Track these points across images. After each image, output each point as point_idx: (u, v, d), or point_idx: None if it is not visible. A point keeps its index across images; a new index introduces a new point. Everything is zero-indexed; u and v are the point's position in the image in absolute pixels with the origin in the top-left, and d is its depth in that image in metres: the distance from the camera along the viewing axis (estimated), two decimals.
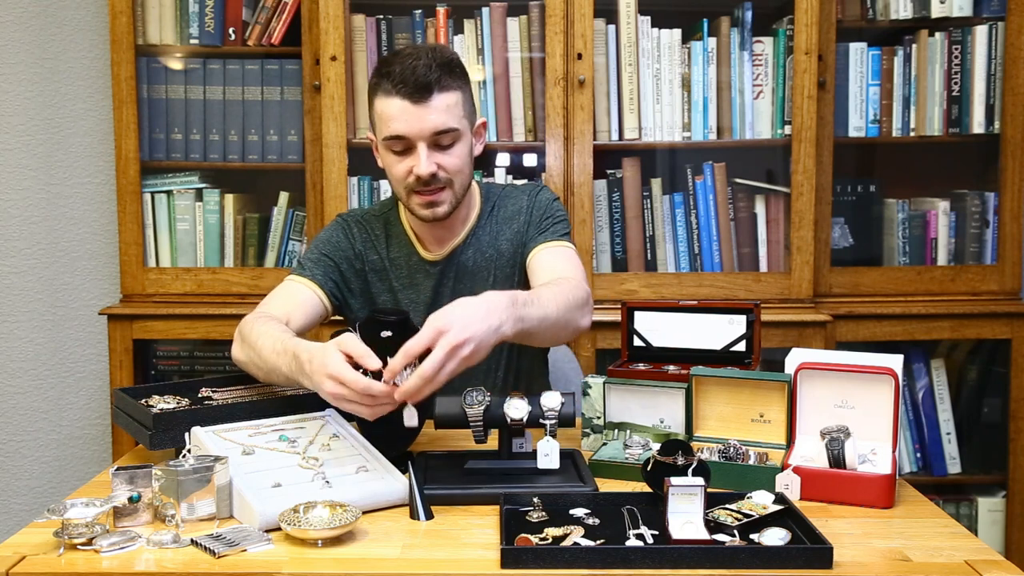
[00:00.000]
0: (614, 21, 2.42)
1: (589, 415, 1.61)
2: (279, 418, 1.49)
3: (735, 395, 1.49)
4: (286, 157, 2.53)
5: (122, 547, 1.19)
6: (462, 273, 1.81)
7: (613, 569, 1.13)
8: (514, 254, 1.81)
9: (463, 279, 1.81)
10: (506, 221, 1.82)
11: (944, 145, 2.55)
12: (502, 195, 1.86)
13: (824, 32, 2.41)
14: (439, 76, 1.62)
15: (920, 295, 2.51)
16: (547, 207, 1.82)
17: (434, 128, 1.63)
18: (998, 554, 1.19)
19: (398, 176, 1.69)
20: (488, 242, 1.81)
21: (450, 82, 1.64)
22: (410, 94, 1.61)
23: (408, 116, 1.62)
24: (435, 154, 1.65)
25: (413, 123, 1.62)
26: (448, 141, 1.65)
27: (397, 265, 1.82)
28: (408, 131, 1.63)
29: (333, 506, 1.23)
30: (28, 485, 2.86)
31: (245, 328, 1.61)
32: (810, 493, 1.36)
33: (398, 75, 1.61)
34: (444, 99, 1.63)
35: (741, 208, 2.49)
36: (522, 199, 1.83)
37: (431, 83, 1.61)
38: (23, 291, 2.81)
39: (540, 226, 1.80)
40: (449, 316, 1.33)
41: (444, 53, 1.66)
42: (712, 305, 1.70)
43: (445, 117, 1.63)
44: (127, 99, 2.46)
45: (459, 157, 1.68)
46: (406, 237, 1.82)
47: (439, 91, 1.62)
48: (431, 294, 1.80)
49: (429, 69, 1.61)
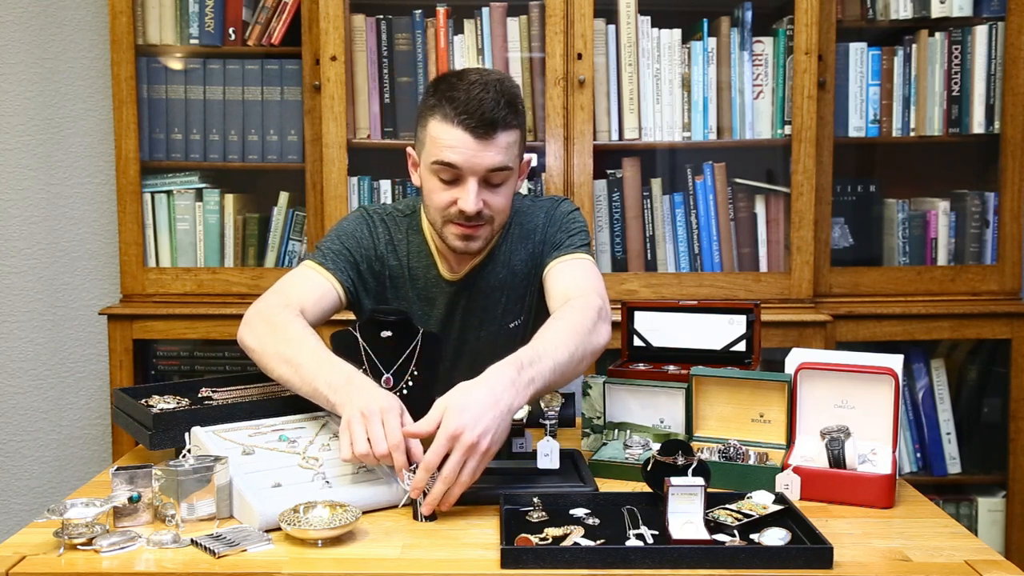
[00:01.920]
0: (614, 21, 2.42)
1: (589, 415, 1.61)
2: (279, 418, 1.49)
3: (735, 395, 1.49)
4: (286, 157, 2.53)
5: (122, 547, 1.19)
6: (476, 293, 1.76)
7: (613, 569, 1.13)
8: (528, 274, 1.76)
9: (476, 298, 1.76)
10: (521, 240, 1.76)
11: (944, 145, 2.55)
12: (520, 210, 1.78)
13: (824, 32, 2.41)
14: (505, 115, 1.56)
15: (920, 295, 2.51)
16: (563, 221, 1.75)
17: (491, 166, 1.57)
18: (998, 554, 1.19)
19: (439, 204, 1.62)
20: (502, 261, 1.75)
21: (513, 120, 1.59)
22: (474, 128, 1.54)
23: (467, 150, 1.55)
24: (483, 191, 1.59)
25: (470, 158, 1.56)
26: (499, 180, 1.60)
27: (415, 276, 1.76)
28: (463, 164, 1.56)
29: (333, 506, 1.23)
30: (28, 485, 2.86)
31: (268, 313, 1.55)
32: (810, 493, 1.36)
33: (463, 104, 1.54)
34: (506, 138, 1.57)
35: (741, 208, 2.49)
36: (539, 216, 1.76)
37: (497, 121, 1.55)
38: (23, 291, 2.81)
39: (554, 241, 1.74)
40: (459, 418, 1.29)
41: (510, 88, 1.60)
42: (712, 305, 1.70)
43: (503, 156, 1.58)
44: (127, 99, 2.46)
45: (505, 197, 1.63)
46: (427, 248, 1.75)
47: (503, 129, 1.56)
48: (444, 312, 1.76)
49: (497, 105, 1.55)
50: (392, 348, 1.55)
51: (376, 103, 2.45)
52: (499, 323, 1.78)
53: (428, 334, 1.58)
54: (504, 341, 1.76)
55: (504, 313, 1.77)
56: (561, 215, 1.76)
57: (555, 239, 1.73)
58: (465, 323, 1.77)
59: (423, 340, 1.57)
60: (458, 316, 1.77)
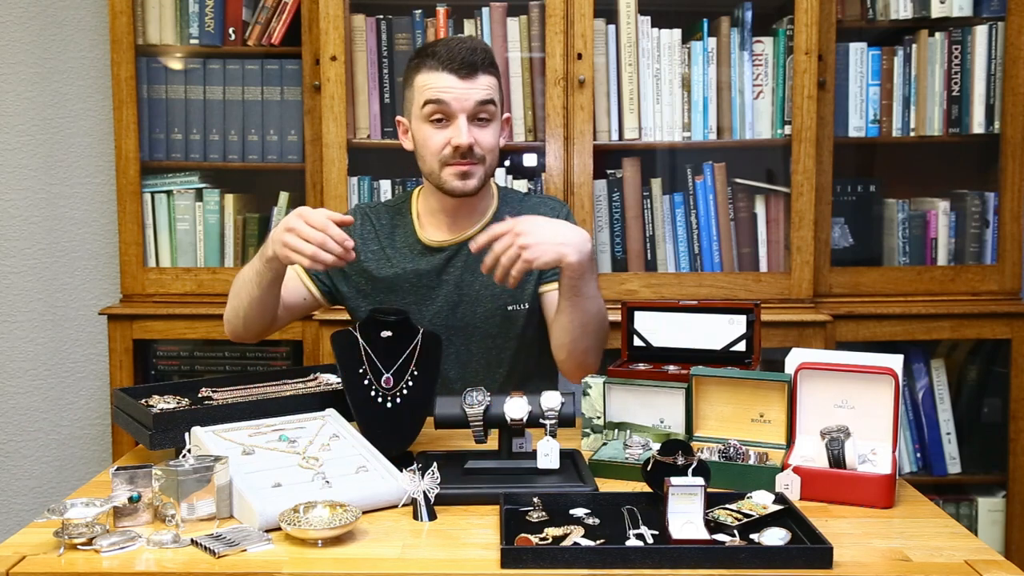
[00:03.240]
0: (614, 21, 2.42)
1: (589, 415, 1.61)
2: (279, 418, 1.49)
3: (735, 395, 1.49)
4: (286, 157, 2.53)
5: (122, 547, 1.19)
6: (467, 267, 1.82)
7: (613, 569, 1.13)
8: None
9: (467, 272, 1.82)
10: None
11: (944, 145, 2.54)
12: (522, 204, 1.89)
13: (824, 32, 2.41)
14: (484, 59, 1.74)
15: (920, 295, 2.51)
16: None
17: (478, 99, 1.72)
18: (998, 554, 1.19)
19: (434, 148, 1.75)
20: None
21: (491, 68, 1.76)
22: (457, 70, 1.70)
23: (454, 88, 1.71)
24: (473, 128, 1.73)
25: (459, 95, 1.71)
26: (487, 115, 1.74)
27: (398, 248, 1.85)
28: (453, 101, 1.71)
29: (333, 506, 1.23)
30: (28, 485, 2.86)
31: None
32: (810, 493, 1.36)
33: (444, 54, 1.71)
34: (487, 79, 1.74)
35: (741, 208, 2.49)
36: (548, 213, 1.82)
37: (477, 63, 1.72)
38: (23, 291, 2.81)
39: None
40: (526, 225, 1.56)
41: (484, 45, 1.79)
42: (712, 305, 1.70)
43: (487, 92, 1.74)
44: (127, 99, 2.46)
45: (493, 136, 1.77)
46: (411, 224, 1.86)
47: (483, 72, 1.73)
48: (433, 281, 1.83)
49: (474, 52, 1.72)
50: (392, 348, 1.55)
51: (376, 103, 2.45)
52: (496, 303, 1.82)
53: (428, 334, 1.58)
54: (501, 322, 1.81)
55: (501, 293, 1.82)
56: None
57: None
58: (458, 297, 1.83)
59: (423, 340, 1.57)
60: (449, 288, 1.83)
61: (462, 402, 1.45)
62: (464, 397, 1.45)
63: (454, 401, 1.46)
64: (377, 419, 1.52)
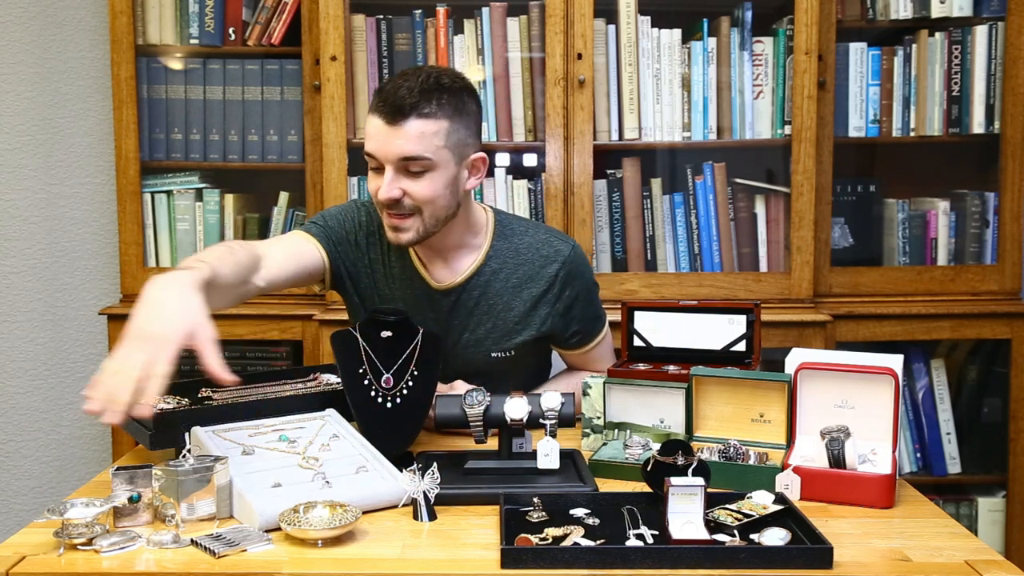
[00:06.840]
0: (614, 21, 2.42)
1: (589, 415, 1.61)
2: (279, 418, 1.49)
3: (735, 395, 1.49)
4: (286, 157, 2.53)
5: (122, 547, 1.19)
6: (458, 306, 1.76)
7: (613, 569, 1.13)
8: (526, 314, 1.76)
9: (458, 311, 1.76)
10: (527, 281, 1.76)
11: (944, 145, 2.54)
12: (520, 239, 1.78)
13: (824, 32, 2.41)
14: (418, 102, 1.55)
15: (920, 295, 2.51)
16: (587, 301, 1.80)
17: (400, 154, 1.57)
18: (998, 554, 1.19)
19: (372, 194, 1.66)
20: (497, 290, 1.76)
21: (432, 110, 1.57)
22: (386, 114, 1.57)
23: (380, 136, 1.58)
24: (402, 179, 1.60)
25: (382, 144, 1.58)
26: (417, 168, 1.58)
27: (396, 277, 1.78)
28: (376, 151, 1.60)
29: (333, 506, 1.23)
30: (28, 485, 2.86)
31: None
32: (810, 493, 1.36)
33: (383, 93, 1.58)
34: (419, 125, 1.56)
35: (741, 208, 2.49)
36: (551, 265, 1.76)
37: (406, 107, 1.55)
38: (23, 291, 2.81)
39: (582, 319, 1.80)
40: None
41: (439, 79, 1.59)
42: (712, 305, 1.70)
43: (414, 145, 1.56)
44: (127, 99, 2.46)
45: (429, 187, 1.59)
46: (408, 255, 1.77)
47: (416, 117, 1.56)
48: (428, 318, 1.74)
49: (410, 92, 1.55)
50: (392, 348, 1.55)
51: None
52: (481, 347, 1.77)
53: (428, 334, 1.58)
54: (482, 364, 1.78)
55: (487, 337, 1.77)
56: (584, 291, 1.80)
57: (582, 319, 1.80)
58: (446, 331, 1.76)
59: (423, 340, 1.57)
60: (441, 324, 1.76)
61: (462, 402, 1.45)
62: (464, 397, 1.45)
63: (454, 401, 1.46)
64: (377, 419, 1.52)
